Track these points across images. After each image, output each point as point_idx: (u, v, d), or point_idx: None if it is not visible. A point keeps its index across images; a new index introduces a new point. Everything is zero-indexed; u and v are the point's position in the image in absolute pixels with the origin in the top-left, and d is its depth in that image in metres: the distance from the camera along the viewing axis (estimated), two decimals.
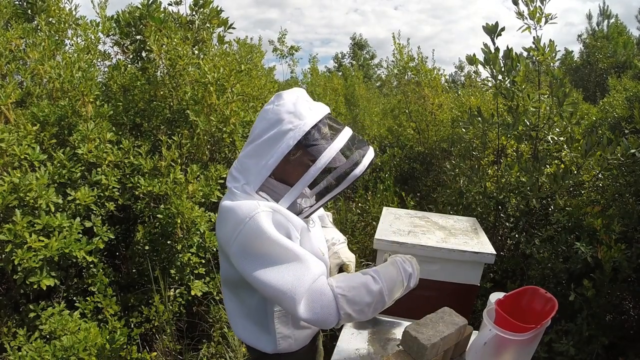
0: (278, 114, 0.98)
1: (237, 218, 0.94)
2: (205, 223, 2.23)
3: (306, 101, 1.00)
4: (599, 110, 4.37)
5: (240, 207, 0.95)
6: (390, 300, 1.01)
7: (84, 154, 2.08)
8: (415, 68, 4.36)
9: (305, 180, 0.96)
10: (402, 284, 1.03)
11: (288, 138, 0.95)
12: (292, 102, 0.98)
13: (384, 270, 1.02)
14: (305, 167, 0.96)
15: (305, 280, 0.91)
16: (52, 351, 1.72)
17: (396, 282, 1.02)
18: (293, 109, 0.97)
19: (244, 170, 1.01)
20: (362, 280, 0.97)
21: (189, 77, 2.60)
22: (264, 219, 0.93)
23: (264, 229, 0.91)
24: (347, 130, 1.02)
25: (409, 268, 1.06)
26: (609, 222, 1.84)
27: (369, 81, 12.12)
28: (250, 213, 0.93)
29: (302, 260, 0.93)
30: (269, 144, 0.97)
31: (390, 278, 1.01)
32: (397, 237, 1.79)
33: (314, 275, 0.93)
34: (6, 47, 2.39)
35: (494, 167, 2.82)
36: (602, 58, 8.95)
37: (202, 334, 2.35)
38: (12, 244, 1.72)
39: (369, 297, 0.95)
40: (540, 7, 2.22)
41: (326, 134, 0.98)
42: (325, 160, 0.95)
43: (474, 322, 1.25)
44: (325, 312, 0.91)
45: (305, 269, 0.92)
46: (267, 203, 0.97)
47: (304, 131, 0.95)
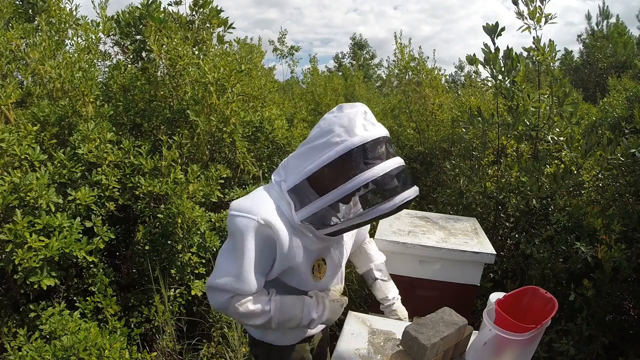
0: (332, 124, 0.97)
1: (241, 207, 1.02)
2: (205, 223, 2.23)
3: (364, 119, 0.96)
4: (599, 110, 4.36)
5: (255, 201, 1.03)
6: (278, 328, 1.10)
7: (84, 154, 2.08)
8: (415, 68, 4.36)
9: (330, 197, 0.96)
10: (298, 322, 1.11)
11: (331, 150, 0.94)
12: (348, 117, 0.96)
13: (286, 307, 1.08)
14: (336, 183, 0.94)
15: (225, 284, 1.02)
16: (52, 351, 1.73)
17: (292, 319, 1.09)
18: (347, 124, 0.95)
19: (287, 168, 1.05)
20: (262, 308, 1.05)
21: (189, 77, 2.60)
22: (252, 228, 0.99)
23: (244, 234, 0.99)
24: (396, 160, 0.95)
25: (314, 314, 1.11)
26: (609, 222, 1.84)
27: (369, 81, 12.12)
28: (249, 213, 1.00)
29: (239, 276, 1.02)
30: (314, 151, 0.98)
31: (288, 315, 1.09)
32: (397, 237, 1.80)
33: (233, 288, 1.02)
34: (7, 47, 2.39)
35: (494, 167, 2.82)
36: (602, 58, 8.95)
37: (202, 334, 2.35)
38: (13, 244, 1.72)
39: (260, 320, 1.07)
40: (540, 7, 2.22)
41: (371, 158, 0.93)
42: (354, 185, 0.92)
43: (474, 322, 1.25)
44: (216, 306, 1.08)
45: (235, 282, 1.02)
46: (270, 216, 1.00)
47: (348, 148, 0.93)
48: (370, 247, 1.46)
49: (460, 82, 10.00)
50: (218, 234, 2.32)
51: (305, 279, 1.12)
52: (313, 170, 0.97)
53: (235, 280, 1.01)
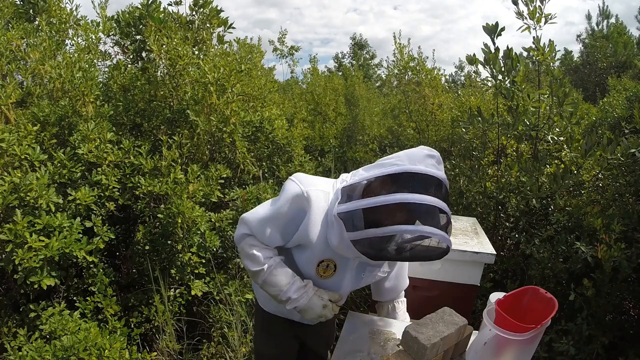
0: (405, 153, 1.04)
1: (301, 178, 1.15)
2: (205, 223, 2.23)
3: (428, 159, 1.01)
4: (599, 110, 4.36)
5: (312, 178, 1.16)
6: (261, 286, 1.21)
7: (84, 154, 2.08)
8: (415, 68, 4.36)
9: (362, 203, 1.01)
10: (277, 293, 1.19)
11: (389, 169, 1.00)
12: (420, 153, 1.02)
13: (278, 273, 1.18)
14: (375, 194, 1.00)
15: (248, 220, 1.17)
16: (52, 351, 1.73)
17: (275, 286, 1.18)
18: (414, 156, 1.01)
19: (356, 174, 1.12)
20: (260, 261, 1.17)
21: (189, 77, 2.60)
22: (295, 192, 1.11)
23: (287, 196, 1.12)
24: (437, 200, 0.96)
25: (293, 294, 1.17)
26: (609, 222, 1.84)
27: (369, 81, 12.12)
28: (302, 184, 1.12)
29: (263, 225, 1.15)
30: (379, 166, 1.05)
31: (274, 280, 1.18)
32: None
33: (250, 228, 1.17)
34: (7, 47, 2.39)
35: (494, 167, 2.82)
36: (602, 58, 8.95)
37: (202, 334, 2.35)
38: (13, 244, 1.72)
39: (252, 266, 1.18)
40: (540, 7, 2.22)
41: (416, 188, 0.96)
42: (385, 199, 0.96)
43: (474, 322, 1.25)
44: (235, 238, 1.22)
45: (257, 225, 1.16)
46: (315, 193, 1.11)
47: (402, 170, 0.98)
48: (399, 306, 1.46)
49: (460, 82, 10.00)
50: (218, 234, 2.33)
51: (308, 264, 1.19)
52: (368, 178, 1.04)
53: (258, 224, 1.15)
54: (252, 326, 1.51)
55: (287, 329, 1.42)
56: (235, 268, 2.49)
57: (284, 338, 1.46)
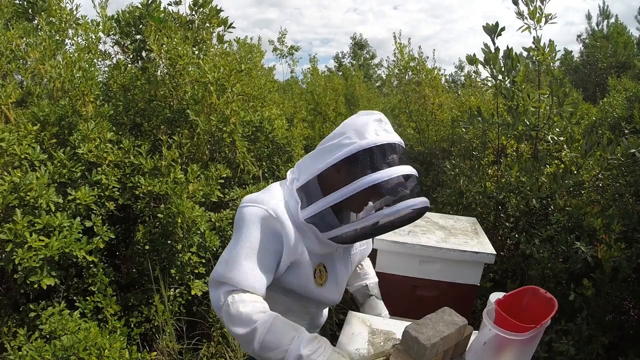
0: (347, 127, 0.97)
1: (251, 198, 1.01)
2: (205, 223, 2.23)
3: (377, 125, 0.96)
4: (599, 110, 4.36)
5: (267, 194, 1.02)
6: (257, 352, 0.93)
7: (84, 154, 2.08)
8: (415, 68, 4.36)
9: (333, 197, 0.94)
10: (281, 353, 0.90)
11: (340, 151, 0.94)
12: (362, 122, 0.96)
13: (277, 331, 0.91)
14: (339, 185, 0.93)
15: (221, 274, 0.95)
16: (52, 351, 1.73)
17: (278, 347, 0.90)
18: (359, 128, 0.95)
19: (301, 167, 1.05)
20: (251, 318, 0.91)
21: (189, 77, 2.60)
22: (258, 214, 0.97)
23: (251, 222, 0.97)
24: (405, 168, 0.93)
25: (305, 350, 0.89)
26: (609, 222, 1.84)
27: (369, 81, 12.12)
28: (257, 202, 0.99)
29: (239, 265, 0.95)
30: (326, 152, 0.98)
31: (276, 340, 0.90)
32: (397, 236, 1.80)
33: (228, 278, 0.94)
34: (7, 47, 2.39)
35: (494, 167, 2.82)
36: (602, 58, 8.95)
37: (202, 333, 2.35)
38: (13, 244, 1.72)
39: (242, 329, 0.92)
40: (540, 7, 2.22)
41: (378, 163, 0.91)
42: (359, 186, 0.90)
43: (474, 322, 1.25)
44: (212, 301, 0.97)
45: (232, 271, 0.94)
46: (278, 208, 0.98)
47: (356, 149, 0.92)
48: (365, 264, 1.43)
49: (460, 82, 9.99)
50: (218, 234, 2.32)
51: (307, 280, 1.07)
52: (321, 170, 0.97)
53: (228, 266, 0.94)
54: None
55: None
56: None
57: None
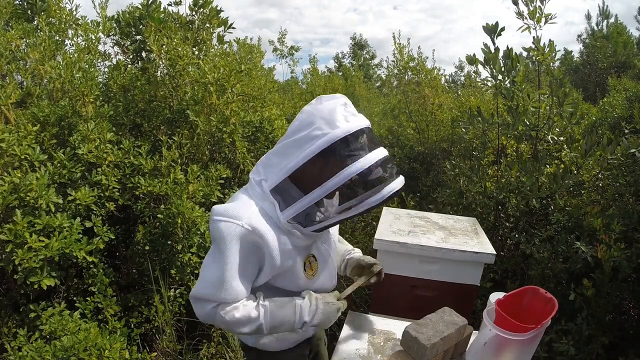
0: (312, 117, 0.92)
1: (227, 211, 0.96)
2: (205, 223, 2.23)
3: (344, 110, 0.92)
4: (599, 110, 4.36)
5: (238, 205, 0.97)
6: (270, 333, 1.05)
7: (84, 154, 2.08)
8: (415, 68, 4.36)
9: (317, 194, 0.92)
10: (291, 326, 1.04)
11: (313, 144, 0.90)
12: (328, 108, 0.91)
13: (277, 312, 1.02)
14: (322, 178, 0.91)
15: (207, 294, 0.98)
16: (52, 351, 1.73)
17: (283, 324, 1.03)
18: (327, 116, 0.90)
19: (268, 166, 0.99)
20: (249, 315, 0.99)
21: (189, 77, 2.61)
22: (237, 234, 0.94)
23: (227, 240, 0.94)
24: (381, 151, 0.92)
25: (307, 317, 1.04)
26: (609, 222, 1.84)
27: (369, 81, 12.12)
28: (234, 218, 0.94)
29: (222, 284, 0.96)
30: (295, 146, 0.93)
31: (280, 320, 1.02)
32: (397, 237, 1.80)
33: (215, 297, 0.97)
34: (6, 48, 2.39)
35: (494, 167, 2.82)
36: (602, 58, 8.94)
37: (202, 334, 2.35)
38: (13, 244, 1.72)
39: (247, 328, 1.01)
40: (540, 7, 2.22)
41: (355, 149, 0.89)
42: (343, 178, 0.88)
43: (474, 322, 1.25)
44: (201, 317, 1.04)
45: (217, 291, 0.97)
46: (255, 222, 0.95)
47: (331, 140, 0.88)
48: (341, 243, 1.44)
49: (460, 82, 9.99)
50: None
51: (297, 279, 1.07)
52: (295, 167, 0.93)
53: (218, 288, 0.96)
54: None
55: (301, 354, 1.28)
56: None
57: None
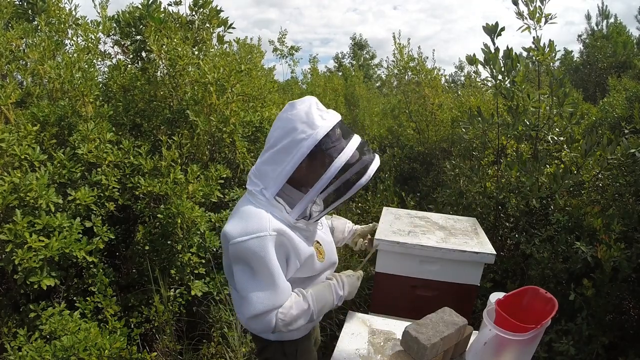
0: (292, 122, 1.02)
1: (248, 228, 1.02)
2: (205, 223, 2.23)
3: (318, 110, 1.04)
4: (599, 110, 4.36)
5: (254, 219, 1.03)
6: (318, 318, 1.18)
7: (84, 154, 2.08)
8: (415, 68, 4.36)
9: (317, 188, 1.03)
10: (332, 305, 1.19)
11: (302, 147, 1.00)
12: (304, 112, 1.02)
13: (320, 296, 1.15)
14: (317, 175, 1.02)
15: (267, 305, 1.04)
16: (52, 351, 1.73)
17: (326, 304, 1.17)
18: (306, 119, 1.01)
19: (262, 176, 1.07)
20: (303, 308, 1.10)
21: (188, 77, 2.60)
22: (268, 243, 1.01)
23: (263, 252, 1.01)
24: (356, 138, 1.07)
25: (341, 291, 1.20)
26: (609, 222, 1.84)
27: (369, 81, 12.12)
28: (259, 231, 1.01)
29: (276, 289, 1.05)
30: (285, 152, 1.02)
31: (323, 302, 1.15)
32: (397, 237, 1.79)
33: (273, 304, 1.05)
34: (6, 47, 2.39)
35: (494, 167, 2.82)
36: (602, 58, 8.94)
37: (202, 334, 2.35)
38: (13, 244, 1.72)
39: (303, 320, 1.11)
40: (540, 7, 2.22)
41: (336, 143, 1.02)
42: (335, 170, 1.01)
43: (474, 322, 1.25)
44: (261, 331, 1.16)
45: (273, 297, 1.05)
46: (276, 225, 1.04)
47: (317, 140, 1.00)
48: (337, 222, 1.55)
49: (460, 82, 9.99)
50: (218, 234, 2.32)
51: (314, 265, 1.19)
52: (292, 171, 1.03)
53: (273, 296, 1.04)
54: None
55: (310, 338, 1.38)
56: None
57: (312, 349, 1.42)
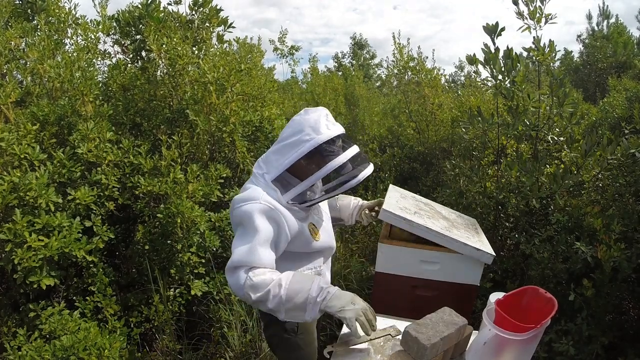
0: (302, 125, 1.22)
1: (243, 198, 1.21)
2: (205, 222, 2.23)
3: (326, 120, 1.23)
4: (599, 110, 4.35)
5: (251, 192, 1.22)
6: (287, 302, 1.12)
7: (83, 154, 2.08)
8: (415, 68, 4.36)
9: (307, 182, 1.22)
10: (307, 293, 1.12)
11: (304, 146, 1.20)
12: (314, 119, 1.21)
13: (297, 279, 1.15)
14: (312, 171, 1.22)
15: (244, 258, 1.14)
16: (52, 351, 1.72)
17: (301, 290, 1.12)
18: (313, 125, 1.20)
19: (267, 162, 1.27)
20: (274, 278, 1.14)
21: (188, 77, 2.60)
22: (258, 208, 1.18)
23: (252, 214, 1.17)
24: (354, 148, 1.25)
25: (324, 285, 1.15)
26: (609, 222, 1.84)
27: (369, 81, 12.11)
28: (251, 199, 1.19)
29: (255, 249, 1.15)
30: (290, 147, 1.22)
31: (299, 286, 1.13)
32: (405, 213, 1.74)
33: (251, 261, 1.14)
34: (6, 47, 2.39)
35: (494, 167, 2.82)
36: (602, 58, 8.94)
37: (202, 333, 2.35)
38: (12, 243, 1.72)
39: (271, 293, 1.12)
40: (540, 7, 2.21)
41: (334, 150, 1.21)
42: (325, 171, 1.20)
43: (474, 322, 1.25)
44: (233, 286, 1.17)
45: (250, 255, 1.14)
46: (268, 199, 1.20)
47: (317, 144, 1.19)
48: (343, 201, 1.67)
49: (460, 82, 9.98)
50: (218, 234, 2.32)
51: (308, 241, 1.30)
52: (291, 163, 1.22)
53: (249, 254, 1.14)
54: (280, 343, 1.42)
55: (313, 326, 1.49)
56: None
57: (313, 330, 1.50)
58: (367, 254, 3.10)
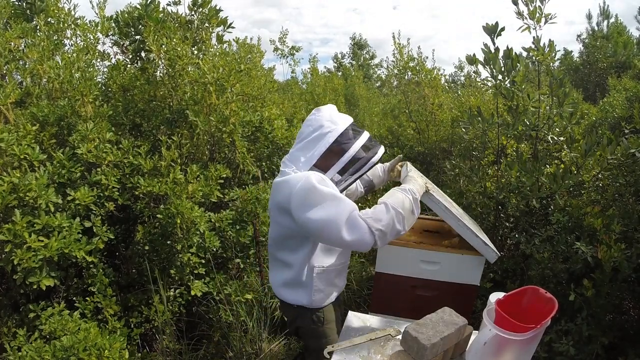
0: (320, 121, 1.37)
1: (293, 181, 1.29)
2: (205, 223, 2.23)
3: (337, 113, 1.41)
4: (599, 110, 4.35)
5: (293, 176, 1.31)
6: (405, 212, 1.29)
7: (83, 154, 2.08)
8: (415, 68, 4.36)
9: (339, 164, 1.36)
10: (410, 201, 1.33)
11: (328, 136, 1.34)
12: (329, 114, 1.39)
13: (391, 198, 1.32)
14: (339, 156, 1.36)
15: (344, 212, 1.23)
16: (52, 351, 1.72)
17: (404, 201, 1.32)
18: (330, 118, 1.37)
19: (294, 160, 1.38)
20: (379, 208, 1.29)
21: (188, 77, 2.60)
22: (313, 177, 1.27)
23: (313, 184, 1.25)
24: (366, 133, 1.43)
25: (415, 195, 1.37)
26: (609, 222, 1.84)
27: (369, 81, 12.11)
28: (302, 176, 1.28)
29: (341, 199, 1.26)
30: (314, 142, 1.35)
31: (398, 199, 1.31)
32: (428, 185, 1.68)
33: (350, 209, 1.25)
34: (5, 47, 2.39)
35: (494, 167, 2.82)
36: (602, 58, 8.93)
37: (202, 334, 2.35)
38: (12, 244, 1.72)
39: (388, 215, 1.26)
40: (540, 7, 2.21)
41: (352, 135, 1.38)
42: (353, 152, 1.35)
43: (474, 322, 1.25)
44: (362, 232, 1.23)
45: (344, 205, 1.24)
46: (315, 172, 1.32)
47: (340, 132, 1.35)
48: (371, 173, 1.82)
49: (460, 82, 9.98)
50: (218, 234, 2.32)
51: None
52: (321, 153, 1.35)
53: (341, 207, 1.23)
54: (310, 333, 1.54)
55: (334, 310, 1.56)
56: (235, 268, 2.49)
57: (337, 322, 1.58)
58: (367, 254, 3.10)
